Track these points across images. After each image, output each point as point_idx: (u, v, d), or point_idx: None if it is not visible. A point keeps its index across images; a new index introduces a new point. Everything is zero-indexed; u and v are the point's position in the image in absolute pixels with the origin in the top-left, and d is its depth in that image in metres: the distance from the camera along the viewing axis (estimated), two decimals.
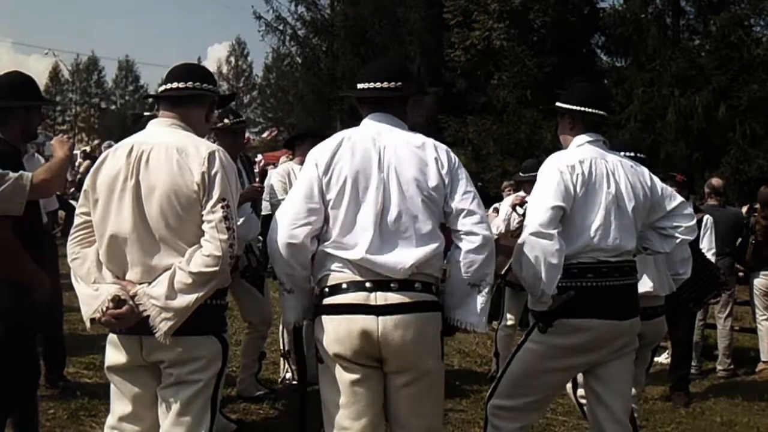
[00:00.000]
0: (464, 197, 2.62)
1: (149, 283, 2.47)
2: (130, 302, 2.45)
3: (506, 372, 3.16)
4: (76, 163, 11.73)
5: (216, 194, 2.47)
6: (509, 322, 5.72)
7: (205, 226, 2.47)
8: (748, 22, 14.92)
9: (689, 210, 3.29)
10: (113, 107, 57.24)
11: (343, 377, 2.58)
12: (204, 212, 2.47)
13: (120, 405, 2.63)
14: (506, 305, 5.71)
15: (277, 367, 5.55)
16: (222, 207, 2.47)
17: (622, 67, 16.73)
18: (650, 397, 5.49)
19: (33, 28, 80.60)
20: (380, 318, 2.50)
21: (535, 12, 15.64)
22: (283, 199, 5.11)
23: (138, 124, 4.68)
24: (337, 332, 2.55)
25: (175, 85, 2.67)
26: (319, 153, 2.65)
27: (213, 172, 2.48)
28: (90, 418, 4.31)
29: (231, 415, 4.41)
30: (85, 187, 2.61)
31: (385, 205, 2.56)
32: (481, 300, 2.62)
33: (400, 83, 2.74)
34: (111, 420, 2.65)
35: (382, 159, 2.61)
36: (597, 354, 3.05)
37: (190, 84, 2.67)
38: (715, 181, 6.79)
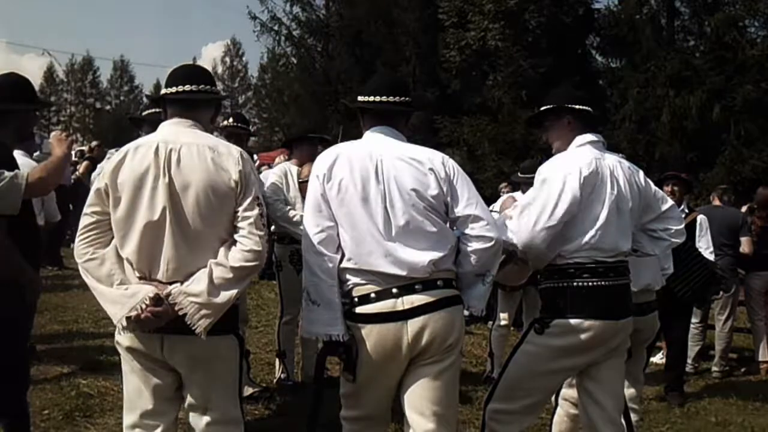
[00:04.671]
0: (469, 203, 2.72)
1: (181, 282, 2.49)
2: (166, 302, 2.47)
3: (504, 375, 3.16)
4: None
5: (253, 192, 2.56)
6: (503, 323, 5.73)
7: (242, 223, 2.54)
8: (742, 23, 15.00)
9: (679, 213, 3.35)
10: (108, 107, 56.99)
11: (375, 378, 2.69)
12: (241, 209, 2.54)
13: (140, 401, 2.62)
14: (500, 305, 5.72)
15: (272, 367, 5.54)
16: (258, 205, 2.55)
17: (617, 68, 16.83)
18: (645, 397, 5.49)
19: (27, 27, 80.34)
20: (409, 322, 2.60)
21: (530, 12, 15.65)
22: (280, 199, 5.16)
23: (142, 125, 4.65)
24: (369, 340, 2.63)
25: (187, 87, 2.68)
26: (319, 166, 2.74)
27: (248, 171, 2.57)
28: (85, 419, 4.28)
29: None
30: (98, 185, 2.57)
31: (391, 213, 2.64)
32: (483, 288, 2.80)
33: (406, 98, 2.85)
34: (132, 418, 2.64)
35: (380, 170, 2.68)
36: (593, 354, 3.05)
37: (201, 87, 2.70)
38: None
